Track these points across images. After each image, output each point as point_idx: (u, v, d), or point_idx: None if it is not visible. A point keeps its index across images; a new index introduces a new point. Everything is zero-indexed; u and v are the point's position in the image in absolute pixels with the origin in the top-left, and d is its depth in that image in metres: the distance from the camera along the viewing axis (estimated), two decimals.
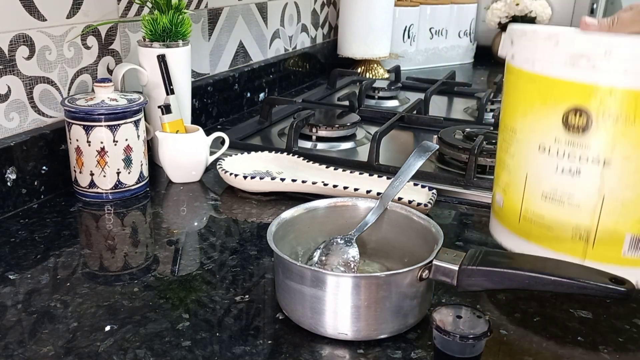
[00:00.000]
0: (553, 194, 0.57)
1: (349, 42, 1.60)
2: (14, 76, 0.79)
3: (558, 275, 0.48)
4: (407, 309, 0.54)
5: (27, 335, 0.54)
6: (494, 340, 0.55)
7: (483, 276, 0.51)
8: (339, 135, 1.06)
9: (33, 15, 0.80)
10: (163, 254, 0.69)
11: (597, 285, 0.48)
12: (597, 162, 0.54)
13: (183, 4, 0.90)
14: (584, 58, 0.52)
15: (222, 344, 0.53)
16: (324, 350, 0.53)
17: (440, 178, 0.89)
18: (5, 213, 0.77)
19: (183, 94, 0.93)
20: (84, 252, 0.69)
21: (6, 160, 0.76)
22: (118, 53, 0.95)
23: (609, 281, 0.48)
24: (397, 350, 0.53)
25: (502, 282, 0.50)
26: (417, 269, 0.53)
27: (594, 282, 0.48)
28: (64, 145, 0.83)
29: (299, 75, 1.52)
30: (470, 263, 0.51)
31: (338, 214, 0.65)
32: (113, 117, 0.79)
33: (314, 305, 0.53)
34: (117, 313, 0.57)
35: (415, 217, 0.62)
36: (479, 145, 0.89)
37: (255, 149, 0.95)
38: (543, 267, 0.50)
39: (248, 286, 0.63)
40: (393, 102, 1.37)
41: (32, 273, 0.64)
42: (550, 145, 0.56)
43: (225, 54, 1.24)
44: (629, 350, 0.54)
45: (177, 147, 0.87)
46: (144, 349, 0.52)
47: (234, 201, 0.83)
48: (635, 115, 0.51)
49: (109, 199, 0.82)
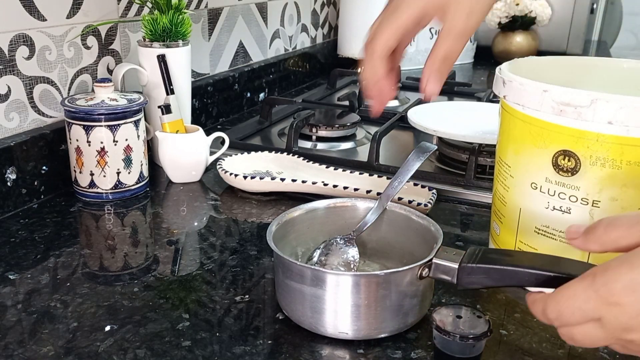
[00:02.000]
0: (545, 229, 0.59)
1: (349, 42, 1.60)
2: (14, 76, 0.79)
3: (559, 272, 0.48)
4: (407, 307, 0.54)
5: (27, 335, 0.54)
6: (494, 340, 0.55)
7: (483, 274, 0.51)
8: (339, 135, 1.06)
9: (33, 15, 0.80)
10: (163, 254, 0.69)
11: None
12: (586, 203, 0.55)
13: (183, 4, 0.90)
14: (570, 107, 0.53)
15: (222, 344, 0.53)
16: (324, 350, 0.53)
17: (440, 178, 0.89)
18: (5, 213, 0.77)
19: (183, 94, 0.93)
20: (84, 252, 0.69)
21: (6, 160, 0.76)
22: (118, 53, 0.95)
23: None
24: (397, 350, 0.53)
25: (502, 279, 0.50)
26: (417, 267, 0.53)
27: None
28: (64, 145, 0.83)
29: (299, 75, 1.52)
30: (470, 261, 0.51)
31: (338, 214, 0.65)
32: (113, 117, 0.79)
33: (314, 304, 0.53)
34: (117, 313, 0.57)
35: (415, 217, 0.62)
36: (479, 145, 0.89)
37: (255, 149, 0.95)
38: (543, 264, 0.50)
39: (248, 286, 0.63)
40: (393, 102, 1.37)
41: (32, 273, 0.64)
42: (541, 184, 0.58)
43: (225, 54, 1.24)
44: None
45: (177, 147, 0.87)
46: (144, 349, 0.52)
47: (234, 201, 0.83)
48: (621, 160, 0.53)
49: (109, 199, 0.82)
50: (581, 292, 0.38)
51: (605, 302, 0.37)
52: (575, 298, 0.39)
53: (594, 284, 0.38)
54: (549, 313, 0.41)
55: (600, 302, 0.37)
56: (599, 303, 0.37)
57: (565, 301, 0.39)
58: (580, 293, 0.39)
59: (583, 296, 0.38)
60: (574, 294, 0.39)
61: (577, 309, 0.39)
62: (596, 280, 0.38)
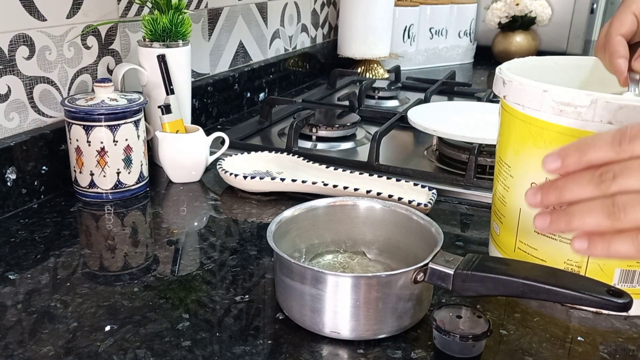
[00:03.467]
0: None
1: (349, 42, 1.60)
2: (14, 76, 0.79)
3: (554, 284, 0.48)
4: (401, 310, 0.53)
5: (27, 335, 0.54)
6: (494, 340, 0.55)
7: (478, 282, 0.51)
8: (339, 135, 1.06)
9: (33, 15, 0.80)
10: (163, 254, 0.69)
11: (593, 296, 0.47)
12: None
13: (183, 4, 0.90)
14: (570, 107, 0.53)
15: (222, 344, 0.53)
16: (324, 350, 0.53)
17: (440, 178, 0.89)
18: (5, 213, 0.77)
19: (183, 94, 0.93)
20: (84, 252, 0.69)
21: (6, 160, 0.76)
22: (118, 53, 0.95)
23: (606, 293, 0.47)
24: (397, 350, 0.53)
25: (497, 288, 0.50)
26: (412, 271, 0.52)
27: (590, 294, 0.47)
28: (64, 145, 0.83)
29: (299, 75, 1.52)
30: (465, 268, 0.51)
31: (338, 214, 0.65)
32: (113, 117, 0.79)
33: (313, 304, 0.53)
34: (117, 313, 0.57)
35: (415, 217, 0.62)
36: (479, 145, 0.89)
37: (255, 149, 0.95)
38: (539, 275, 0.49)
39: (248, 286, 0.63)
40: (393, 102, 1.37)
41: (32, 273, 0.64)
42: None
43: (225, 54, 1.24)
44: (629, 350, 0.54)
45: (177, 147, 0.87)
46: (144, 349, 0.52)
47: (234, 201, 0.83)
48: None
49: (109, 199, 0.82)
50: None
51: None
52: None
53: None
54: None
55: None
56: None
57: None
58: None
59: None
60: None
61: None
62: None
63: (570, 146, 0.39)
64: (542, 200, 0.40)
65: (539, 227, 0.41)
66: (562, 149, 0.39)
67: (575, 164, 0.39)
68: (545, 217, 0.40)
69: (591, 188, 0.38)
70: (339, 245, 0.66)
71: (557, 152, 0.39)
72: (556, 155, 0.39)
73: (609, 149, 0.37)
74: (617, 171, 0.37)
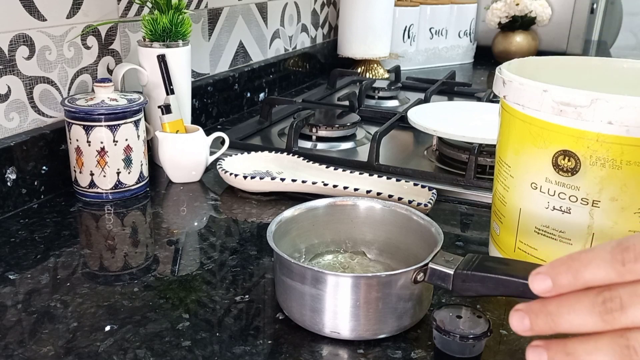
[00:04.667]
0: (545, 229, 0.59)
1: (349, 42, 1.60)
2: (14, 76, 0.79)
3: None
4: (401, 310, 0.53)
5: (27, 335, 0.54)
6: (494, 340, 0.55)
7: (478, 282, 0.51)
8: (339, 135, 1.06)
9: (33, 15, 0.80)
10: (163, 254, 0.69)
11: None
12: (586, 203, 0.55)
13: (183, 4, 0.90)
14: (570, 107, 0.53)
15: (222, 344, 0.53)
16: (324, 350, 0.53)
17: (440, 178, 0.89)
18: (5, 213, 0.77)
19: (183, 94, 0.93)
20: (84, 252, 0.69)
21: (6, 160, 0.76)
22: (118, 53, 0.95)
23: None
24: (397, 350, 0.53)
25: (497, 288, 0.50)
26: (412, 271, 0.52)
27: None
28: (64, 145, 0.83)
29: (299, 75, 1.52)
30: (465, 268, 0.51)
31: (338, 214, 0.65)
32: (113, 117, 0.79)
33: (313, 304, 0.53)
34: (117, 313, 0.57)
35: (415, 217, 0.62)
36: (479, 145, 0.89)
37: (255, 149, 0.95)
38: None
39: (248, 286, 0.63)
40: (393, 102, 1.37)
41: (32, 273, 0.64)
42: (541, 185, 0.58)
43: (225, 54, 1.24)
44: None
45: (177, 147, 0.87)
46: (144, 349, 0.52)
47: (234, 201, 0.83)
48: (621, 160, 0.53)
49: (109, 199, 0.82)
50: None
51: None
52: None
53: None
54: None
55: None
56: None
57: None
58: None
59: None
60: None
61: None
62: None
63: (563, 263, 0.33)
64: (532, 327, 0.33)
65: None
66: (552, 265, 0.33)
67: (570, 286, 0.32)
68: (540, 353, 0.33)
69: (594, 319, 0.31)
70: (339, 245, 0.66)
71: (546, 270, 0.33)
72: (545, 274, 0.33)
73: (609, 269, 0.31)
74: (625, 299, 0.30)
